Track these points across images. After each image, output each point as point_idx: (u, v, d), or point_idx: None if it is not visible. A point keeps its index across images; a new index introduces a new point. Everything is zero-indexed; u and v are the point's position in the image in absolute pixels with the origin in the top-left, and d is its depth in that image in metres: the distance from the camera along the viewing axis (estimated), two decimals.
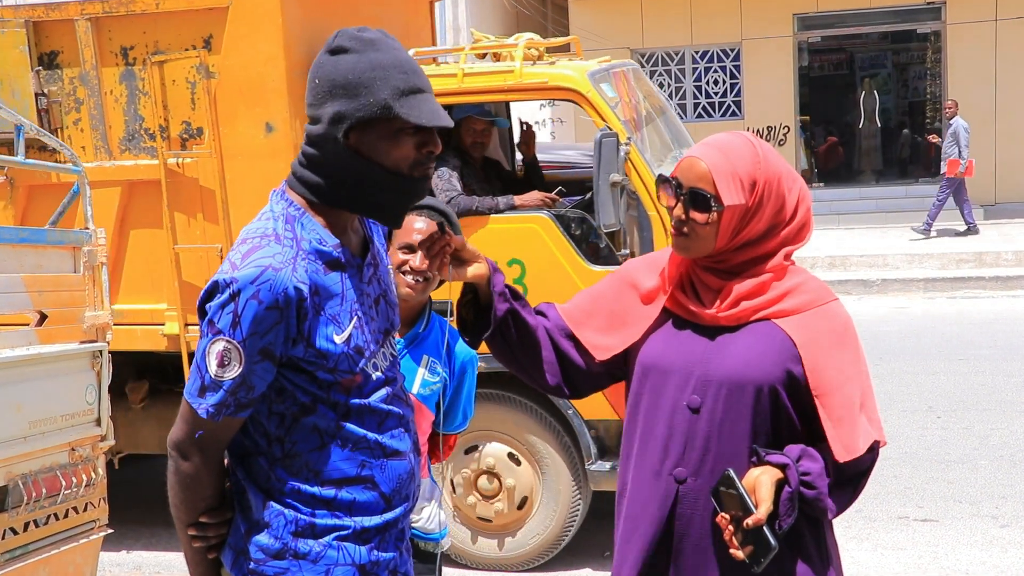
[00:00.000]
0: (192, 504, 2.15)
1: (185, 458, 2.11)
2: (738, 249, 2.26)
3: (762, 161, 2.25)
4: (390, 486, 2.19)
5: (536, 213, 5.00)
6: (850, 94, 20.42)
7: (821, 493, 2.16)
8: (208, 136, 5.03)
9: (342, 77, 2.04)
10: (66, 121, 5.24)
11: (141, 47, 5.10)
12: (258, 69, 4.94)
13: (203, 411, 2.05)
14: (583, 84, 4.93)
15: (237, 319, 1.99)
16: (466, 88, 5.04)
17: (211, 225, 5.08)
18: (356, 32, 2.08)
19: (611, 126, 4.78)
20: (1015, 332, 9.88)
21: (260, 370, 2.04)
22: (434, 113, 2.06)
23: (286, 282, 2.01)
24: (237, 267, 2.02)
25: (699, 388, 2.26)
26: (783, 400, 2.22)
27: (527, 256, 4.94)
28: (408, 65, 2.07)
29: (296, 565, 2.12)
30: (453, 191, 5.02)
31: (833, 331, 2.26)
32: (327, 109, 2.05)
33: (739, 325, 2.26)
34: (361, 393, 2.15)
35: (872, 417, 2.22)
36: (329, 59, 2.07)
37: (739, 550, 2.12)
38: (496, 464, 5.19)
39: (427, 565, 3.24)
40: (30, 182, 5.18)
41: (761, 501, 2.11)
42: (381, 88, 2.02)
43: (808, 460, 2.18)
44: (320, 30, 5.16)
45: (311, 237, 2.09)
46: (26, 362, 3.75)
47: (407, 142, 2.06)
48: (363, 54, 2.04)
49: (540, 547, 5.24)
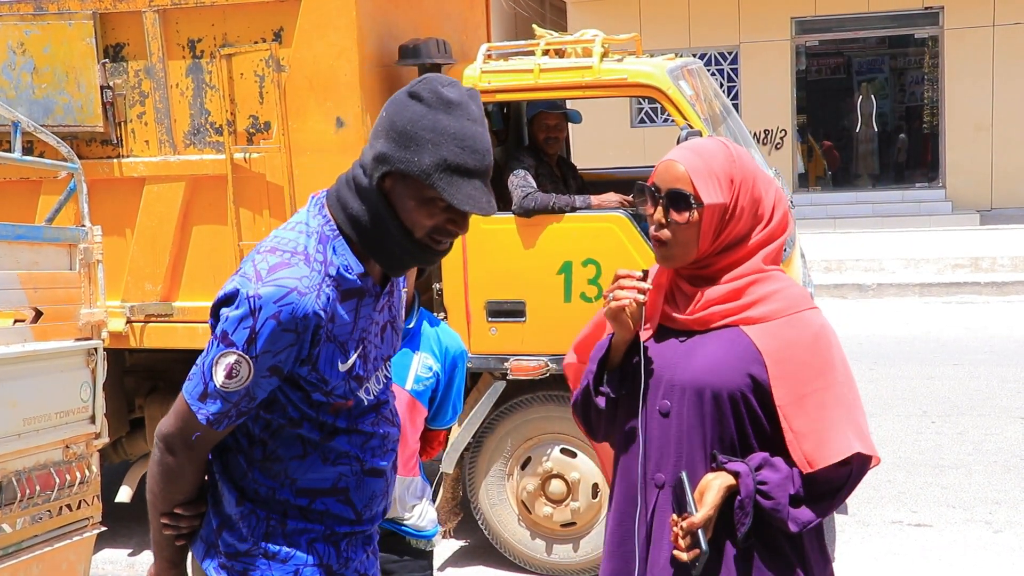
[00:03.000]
0: (169, 495, 2.17)
1: (171, 453, 2.12)
2: (721, 252, 2.26)
3: (736, 160, 2.27)
4: (363, 502, 2.21)
5: (613, 212, 4.89)
6: (847, 98, 20.42)
7: (779, 504, 2.15)
8: (276, 131, 4.96)
9: (402, 124, 2.00)
10: (130, 114, 5.19)
11: (209, 40, 5.04)
12: (330, 63, 4.86)
13: (203, 417, 2.05)
14: (663, 81, 4.82)
15: (254, 336, 1.98)
16: (542, 84, 4.93)
17: (278, 221, 4.94)
18: (440, 85, 2.02)
19: (692, 124, 4.69)
20: (1010, 337, 9.89)
21: (265, 383, 2.05)
22: (471, 199, 1.99)
23: (308, 308, 2.00)
24: (262, 280, 2.00)
25: (668, 393, 2.27)
26: (751, 406, 2.21)
27: (603, 256, 4.82)
28: (470, 141, 1.99)
29: (265, 564, 2.14)
30: (529, 187, 4.94)
31: (801, 340, 2.22)
32: (378, 145, 2.03)
33: (708, 330, 2.26)
34: (350, 416, 2.16)
35: (855, 430, 2.18)
36: (403, 100, 2.03)
37: (684, 552, 2.14)
38: (555, 465, 5.13)
39: (420, 563, 3.25)
40: (92, 176, 5.08)
41: (703, 506, 2.13)
42: (430, 152, 1.97)
43: (769, 470, 2.17)
44: (389, 23, 5.14)
45: (339, 263, 2.07)
46: (21, 359, 3.74)
47: (434, 212, 2.02)
48: (433, 111, 1.99)
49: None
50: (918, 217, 16.11)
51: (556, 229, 4.90)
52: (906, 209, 16.51)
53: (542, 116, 5.40)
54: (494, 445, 5.24)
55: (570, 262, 4.85)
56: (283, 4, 4.91)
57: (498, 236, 4.95)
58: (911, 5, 17.07)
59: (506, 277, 4.96)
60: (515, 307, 4.98)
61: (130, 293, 5.25)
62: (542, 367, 4.94)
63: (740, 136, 5.86)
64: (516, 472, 5.22)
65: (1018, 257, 12.95)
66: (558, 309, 4.90)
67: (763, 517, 2.17)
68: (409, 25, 5.33)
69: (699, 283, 2.28)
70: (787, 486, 2.16)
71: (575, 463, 5.12)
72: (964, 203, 16.50)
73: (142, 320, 5.25)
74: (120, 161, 5.19)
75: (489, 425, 5.21)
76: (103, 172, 5.19)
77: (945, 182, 16.97)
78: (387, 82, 5.08)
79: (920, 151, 19.26)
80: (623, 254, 4.77)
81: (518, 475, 5.21)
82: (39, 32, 5.15)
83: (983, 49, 16.63)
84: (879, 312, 11.61)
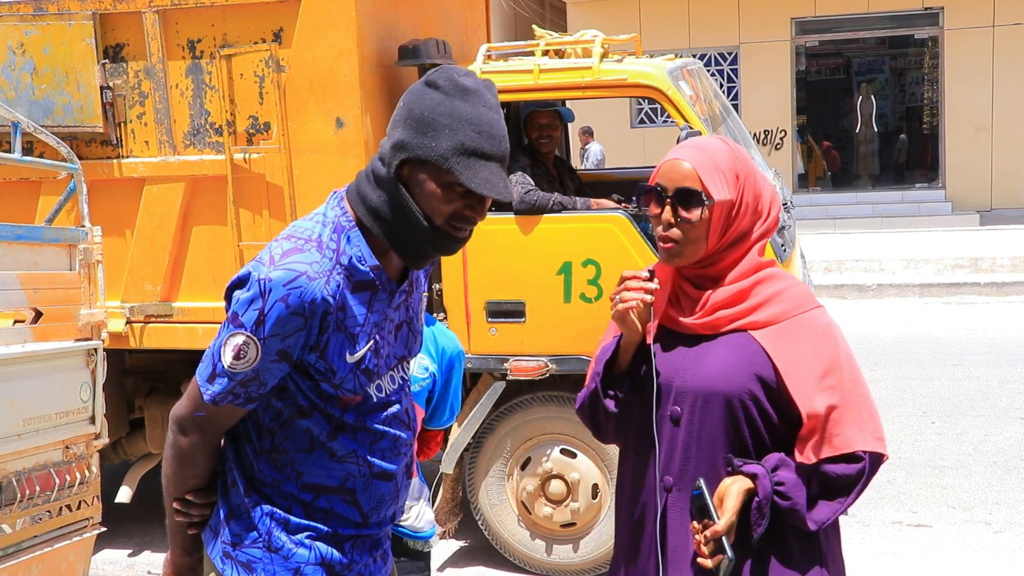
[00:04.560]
0: (181, 479, 2.20)
1: (184, 433, 2.16)
2: (727, 248, 2.25)
3: (738, 156, 2.28)
4: (370, 505, 2.21)
5: (612, 213, 4.87)
6: (847, 99, 20.46)
7: (796, 503, 2.15)
8: (276, 131, 4.95)
9: (419, 111, 2.04)
10: (130, 115, 5.19)
11: (209, 40, 5.03)
12: (330, 63, 4.85)
13: (208, 395, 2.09)
14: (663, 81, 4.81)
15: (263, 318, 2.02)
16: (542, 84, 4.92)
17: (277, 222, 4.98)
18: (455, 74, 2.06)
19: (692, 124, 4.68)
20: (1010, 338, 9.89)
21: (275, 368, 2.07)
22: (488, 183, 2.02)
23: (316, 293, 2.02)
24: (275, 264, 2.04)
25: (678, 399, 2.27)
26: (764, 410, 2.21)
27: (602, 256, 4.81)
28: (487, 127, 2.03)
29: (268, 557, 2.16)
30: (529, 184, 4.93)
31: (809, 340, 2.22)
32: (396, 134, 2.06)
33: (716, 335, 2.25)
34: (358, 412, 2.17)
35: (863, 426, 2.19)
36: (420, 89, 2.07)
37: (708, 559, 2.13)
38: (555, 466, 5.12)
39: (417, 563, 3.26)
40: (92, 177, 5.07)
41: (724, 512, 2.13)
42: (448, 137, 2.01)
43: (785, 470, 2.17)
44: (389, 24, 5.13)
45: (352, 253, 2.10)
46: (21, 359, 3.74)
47: (452, 198, 2.05)
48: (449, 98, 2.03)
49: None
50: (918, 217, 16.13)
51: (556, 229, 4.90)
52: (906, 210, 16.53)
53: (534, 115, 5.39)
54: (494, 445, 5.24)
55: (570, 262, 4.85)
56: (283, 4, 4.90)
57: (498, 236, 4.95)
58: (911, 5, 17.09)
59: (506, 277, 4.96)
60: (515, 307, 4.97)
61: (130, 293, 5.25)
62: (542, 367, 4.94)
63: (740, 137, 5.84)
64: (516, 472, 5.22)
65: (1018, 257, 12.96)
66: (558, 309, 4.90)
67: (780, 517, 2.17)
68: (409, 26, 5.33)
69: (703, 284, 2.28)
70: (802, 485, 2.16)
71: (575, 464, 5.11)
72: (964, 203, 16.52)
73: (142, 320, 5.25)
74: (120, 162, 5.19)
75: (489, 425, 5.21)
76: (103, 173, 5.18)
77: (945, 183, 16.99)
78: (387, 83, 5.08)
79: (920, 152, 19.29)
80: (623, 254, 4.76)
81: (518, 475, 5.20)
82: (39, 32, 5.15)
83: (983, 49, 16.64)
84: (879, 312, 11.62)
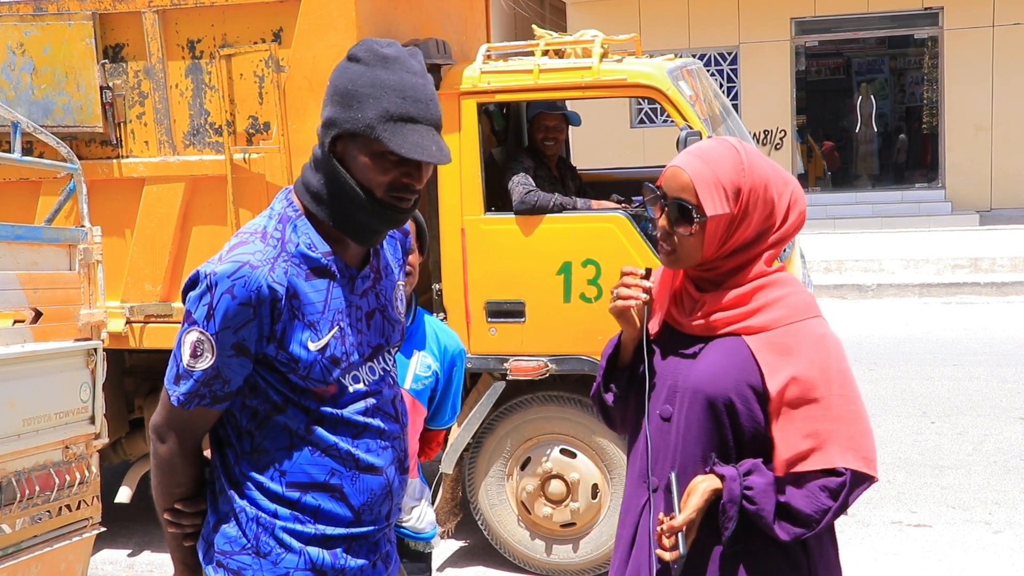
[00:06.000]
0: (168, 489, 2.20)
1: (162, 441, 2.16)
2: (729, 256, 2.23)
3: (746, 168, 2.21)
4: (360, 500, 2.17)
5: (612, 213, 4.88)
6: (847, 99, 20.45)
7: (763, 510, 2.14)
8: (276, 131, 4.96)
9: (343, 86, 2.05)
10: (130, 115, 5.19)
11: (208, 40, 5.03)
12: (330, 63, 4.79)
13: (175, 398, 2.10)
14: (663, 82, 4.81)
15: (211, 312, 2.03)
16: (542, 85, 4.93)
17: None
18: (375, 45, 2.07)
19: (692, 124, 4.67)
20: (1009, 338, 9.89)
21: (235, 364, 2.06)
22: (418, 146, 2.01)
23: (260, 280, 2.02)
24: (221, 259, 2.05)
25: (670, 398, 2.27)
26: (751, 415, 2.19)
27: (602, 256, 4.81)
28: (411, 91, 2.03)
29: (257, 563, 2.14)
30: (530, 185, 4.94)
31: (799, 351, 2.17)
32: (325, 112, 2.08)
33: (712, 336, 2.25)
34: (335, 404, 2.14)
35: (846, 443, 2.14)
36: (344, 65, 2.08)
37: (667, 551, 2.16)
38: (554, 466, 5.12)
39: (418, 564, 3.26)
40: (91, 177, 5.05)
41: (685, 508, 2.14)
42: (372, 106, 2.01)
43: (757, 475, 2.16)
44: (389, 24, 5.13)
45: (300, 240, 2.10)
46: (20, 359, 3.74)
47: (387, 167, 2.05)
48: (371, 68, 2.04)
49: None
50: (918, 217, 16.11)
51: (556, 229, 4.90)
52: (906, 210, 16.51)
53: (541, 117, 5.42)
54: (494, 445, 5.24)
55: (570, 262, 4.85)
56: (283, 4, 4.90)
57: (498, 236, 4.95)
58: (911, 5, 17.08)
59: (506, 277, 4.96)
60: (515, 307, 4.97)
61: (130, 293, 5.25)
62: (542, 367, 4.94)
63: (740, 137, 5.83)
64: (516, 472, 5.21)
65: (1018, 257, 12.95)
66: (558, 309, 4.90)
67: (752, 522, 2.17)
68: (409, 25, 5.33)
69: (705, 287, 2.27)
70: (772, 492, 2.14)
71: (575, 464, 5.11)
72: (964, 203, 16.51)
73: (141, 320, 5.25)
74: (120, 162, 5.19)
75: (489, 425, 5.21)
76: (103, 172, 5.18)
77: (945, 182, 16.97)
78: None
79: (920, 151, 19.28)
80: (623, 254, 4.76)
81: (518, 475, 5.20)
82: (39, 32, 5.15)
83: (983, 49, 16.63)
84: (879, 312, 11.62)
